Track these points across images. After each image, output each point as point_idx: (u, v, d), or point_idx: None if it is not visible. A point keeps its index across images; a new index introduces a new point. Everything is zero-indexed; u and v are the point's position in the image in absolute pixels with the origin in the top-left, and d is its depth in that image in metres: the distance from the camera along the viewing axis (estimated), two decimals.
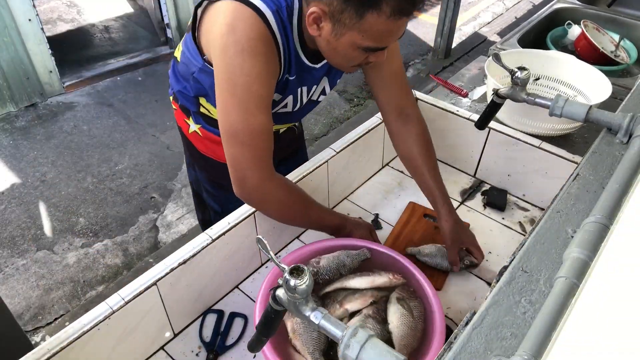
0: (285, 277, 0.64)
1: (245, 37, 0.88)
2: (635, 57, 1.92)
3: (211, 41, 0.95)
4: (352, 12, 0.84)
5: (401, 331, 0.94)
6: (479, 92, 1.69)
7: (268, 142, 0.97)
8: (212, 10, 0.96)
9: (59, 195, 2.68)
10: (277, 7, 0.91)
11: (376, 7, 0.82)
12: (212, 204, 1.40)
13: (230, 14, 0.89)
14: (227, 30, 0.89)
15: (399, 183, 1.48)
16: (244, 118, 0.92)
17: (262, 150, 0.97)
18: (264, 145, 0.97)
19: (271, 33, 0.91)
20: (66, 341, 0.82)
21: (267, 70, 0.92)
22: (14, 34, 3.04)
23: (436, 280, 1.16)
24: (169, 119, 3.30)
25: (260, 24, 0.89)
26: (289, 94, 1.08)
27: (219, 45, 0.90)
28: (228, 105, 0.93)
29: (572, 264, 0.52)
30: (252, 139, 0.94)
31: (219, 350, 1.02)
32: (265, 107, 0.95)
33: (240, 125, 0.93)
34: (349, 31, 0.87)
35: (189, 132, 1.24)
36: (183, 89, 1.14)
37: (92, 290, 2.21)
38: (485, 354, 0.48)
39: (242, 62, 0.89)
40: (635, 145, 0.72)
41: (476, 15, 4.91)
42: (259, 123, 0.94)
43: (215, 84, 0.94)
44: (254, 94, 0.92)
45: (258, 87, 0.92)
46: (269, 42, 0.91)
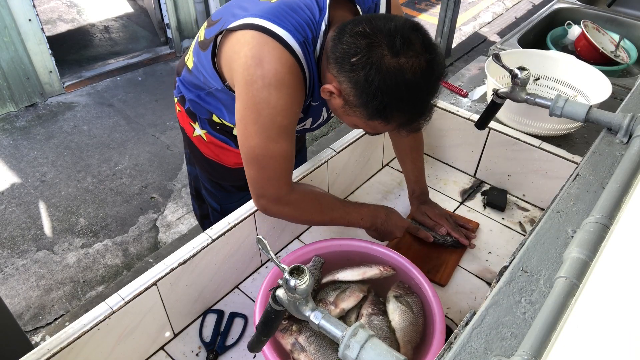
0: (285, 277, 0.64)
1: (273, 71, 0.88)
2: (635, 57, 1.92)
3: (234, 71, 0.94)
4: (364, 112, 0.88)
5: (404, 328, 0.95)
6: (479, 92, 1.69)
7: (288, 165, 1.00)
8: (232, 38, 0.95)
9: (59, 195, 2.68)
10: (304, 39, 0.90)
11: (384, 120, 0.87)
12: (211, 202, 1.41)
13: (256, 46, 0.89)
14: (253, 63, 0.88)
15: (399, 183, 1.48)
16: (265, 144, 0.94)
17: (281, 171, 0.99)
18: (283, 167, 0.99)
19: (299, 64, 0.90)
20: (66, 341, 0.82)
21: (292, 103, 0.93)
22: (14, 34, 3.04)
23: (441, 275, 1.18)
24: (169, 119, 3.30)
25: (287, 56, 0.88)
26: (309, 116, 1.11)
27: (244, 77, 0.90)
28: (250, 130, 0.94)
29: (572, 264, 0.52)
30: (271, 164, 0.97)
31: (219, 350, 1.02)
32: (288, 135, 0.96)
33: (260, 150, 0.95)
34: (356, 118, 0.91)
35: (193, 135, 1.24)
36: (195, 97, 1.14)
37: (92, 290, 2.21)
38: (485, 354, 0.48)
39: (268, 95, 0.89)
40: (635, 145, 0.72)
41: (476, 15, 4.91)
42: (280, 149, 0.95)
43: (237, 109, 0.95)
44: (277, 124, 0.93)
45: (282, 118, 0.93)
46: (297, 74, 0.91)
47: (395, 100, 0.84)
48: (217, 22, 1.02)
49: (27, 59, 3.18)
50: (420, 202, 1.30)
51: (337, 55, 0.86)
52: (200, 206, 1.51)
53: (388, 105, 0.84)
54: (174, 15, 3.84)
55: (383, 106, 0.84)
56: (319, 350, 0.90)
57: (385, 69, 0.81)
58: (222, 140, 1.20)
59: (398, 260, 1.03)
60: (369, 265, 1.03)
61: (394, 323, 0.96)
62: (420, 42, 0.83)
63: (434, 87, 0.87)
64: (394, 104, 0.84)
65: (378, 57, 0.81)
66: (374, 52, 0.81)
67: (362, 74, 0.82)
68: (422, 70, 0.82)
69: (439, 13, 3.86)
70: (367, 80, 0.82)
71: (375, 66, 0.81)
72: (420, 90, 0.84)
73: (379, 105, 0.84)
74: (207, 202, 1.43)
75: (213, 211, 1.42)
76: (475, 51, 4.25)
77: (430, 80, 0.85)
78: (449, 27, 3.85)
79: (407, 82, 0.82)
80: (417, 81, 0.83)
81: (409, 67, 0.81)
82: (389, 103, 0.84)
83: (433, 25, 4.09)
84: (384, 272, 1.01)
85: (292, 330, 0.93)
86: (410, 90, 0.83)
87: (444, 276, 1.17)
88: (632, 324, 0.41)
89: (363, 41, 0.82)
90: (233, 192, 1.33)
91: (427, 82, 0.85)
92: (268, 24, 0.89)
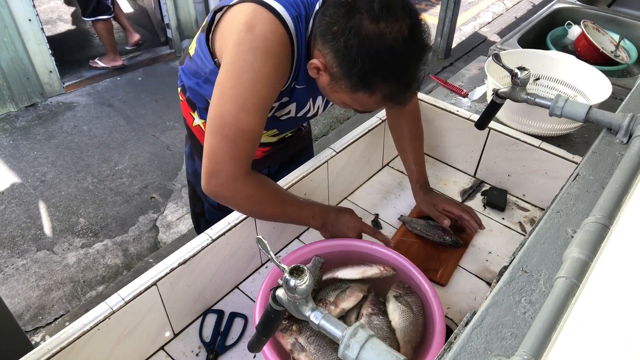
0: (285, 277, 0.64)
1: (263, 37, 0.88)
2: (635, 57, 1.92)
3: (225, 39, 0.94)
4: (348, 84, 0.87)
5: (404, 328, 0.95)
6: (479, 92, 1.69)
7: (252, 145, 0.95)
8: (230, 13, 0.96)
9: (59, 195, 2.68)
10: (297, 14, 0.91)
11: (368, 90, 0.86)
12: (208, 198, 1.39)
13: (250, 14, 0.89)
14: (245, 27, 0.89)
15: (399, 183, 1.48)
16: (237, 112, 0.91)
17: (243, 150, 0.94)
18: (246, 146, 0.94)
19: (289, 38, 0.91)
20: (66, 341, 0.82)
21: (275, 74, 0.92)
22: (14, 34, 3.04)
23: (442, 275, 1.18)
24: (169, 119, 3.30)
25: (279, 27, 0.89)
26: (293, 101, 1.08)
27: (234, 39, 0.90)
28: (225, 95, 0.91)
29: (572, 264, 0.52)
30: (236, 136, 0.92)
31: (219, 350, 1.02)
32: (262, 108, 0.93)
33: (230, 117, 0.91)
34: (342, 93, 0.90)
35: (192, 124, 1.25)
36: (194, 85, 1.14)
37: (92, 290, 2.21)
38: (485, 354, 0.48)
39: (253, 59, 0.89)
40: (635, 145, 0.72)
41: (476, 15, 4.92)
42: (249, 123, 0.92)
43: (219, 74, 0.93)
44: (255, 93, 0.91)
45: (261, 87, 0.91)
46: (286, 47, 0.91)
47: (376, 66, 0.82)
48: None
49: (27, 59, 3.18)
50: (425, 192, 1.30)
51: (321, 29, 0.87)
52: (195, 204, 1.51)
53: (369, 72, 0.83)
54: (174, 15, 3.84)
55: (364, 73, 0.83)
56: (319, 350, 0.90)
57: (365, 33, 0.81)
58: None
59: (398, 260, 1.03)
60: (369, 264, 1.03)
61: (394, 323, 0.96)
62: (401, 7, 0.82)
63: (418, 54, 0.85)
64: (375, 71, 0.83)
65: (356, 22, 0.81)
66: (353, 17, 0.81)
67: (342, 41, 0.82)
68: (404, 35, 0.81)
69: (439, 13, 3.86)
70: (347, 46, 0.82)
71: (354, 30, 0.81)
72: (402, 56, 0.83)
73: (360, 72, 0.83)
74: (204, 199, 1.43)
75: (209, 207, 1.42)
76: (475, 51, 4.25)
77: (413, 46, 0.84)
78: (449, 27, 3.85)
79: (387, 47, 0.81)
80: (398, 46, 0.81)
81: (389, 32, 0.80)
82: (370, 70, 0.83)
83: (433, 25, 4.09)
84: (384, 271, 1.01)
85: (292, 330, 0.93)
86: (391, 56, 0.82)
87: (444, 276, 1.17)
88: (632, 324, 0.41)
89: (343, 9, 0.83)
90: None
91: (409, 49, 0.83)
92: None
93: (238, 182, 0.95)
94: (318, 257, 1.03)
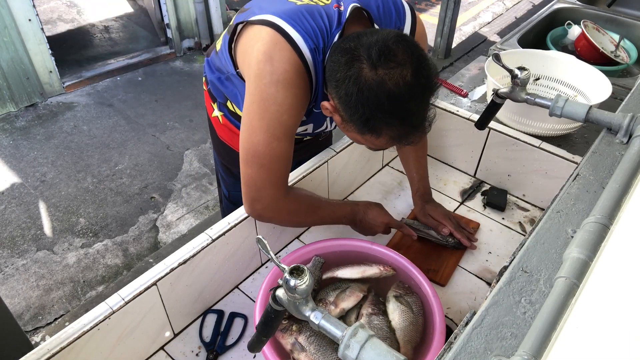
0: (285, 277, 0.64)
1: (282, 70, 0.90)
2: (635, 57, 1.92)
3: (246, 63, 0.97)
4: (353, 126, 0.88)
5: (404, 328, 0.95)
6: (479, 92, 1.69)
7: (286, 166, 1.01)
8: (250, 31, 0.97)
9: (59, 195, 2.68)
10: (315, 46, 0.92)
11: (374, 133, 0.87)
12: (222, 187, 1.45)
13: (269, 43, 0.90)
14: (263, 58, 0.90)
15: (399, 183, 1.48)
16: (269, 142, 0.94)
17: (280, 173, 1.00)
18: (282, 169, 1.00)
19: (306, 68, 0.92)
20: (66, 341, 0.82)
21: (297, 103, 0.94)
22: (14, 34, 3.04)
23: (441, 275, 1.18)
24: (169, 119, 3.30)
25: (296, 59, 0.90)
26: (310, 122, 1.12)
27: (254, 70, 0.92)
28: (255, 126, 0.95)
29: (572, 264, 0.52)
30: (271, 163, 0.97)
31: (219, 350, 1.02)
32: (290, 134, 0.97)
33: (263, 147, 0.95)
34: (353, 133, 0.92)
35: (212, 115, 1.28)
36: (216, 79, 1.17)
37: (92, 290, 2.21)
38: (485, 354, 0.48)
39: (275, 92, 0.91)
40: (635, 145, 0.72)
41: (476, 15, 4.91)
42: (282, 149, 0.96)
43: (245, 104, 0.96)
44: (282, 122, 0.94)
45: (287, 117, 0.94)
46: (304, 77, 0.92)
47: (376, 112, 0.82)
48: (246, 11, 1.04)
49: (27, 59, 3.18)
50: (424, 202, 1.29)
51: (328, 73, 0.89)
52: (220, 190, 1.55)
53: (371, 119, 0.83)
54: (174, 15, 3.84)
55: (366, 119, 0.84)
56: (319, 350, 0.90)
57: (364, 81, 0.81)
58: (235, 125, 1.22)
59: (398, 260, 1.04)
60: (369, 264, 1.03)
61: (394, 323, 0.96)
62: (403, 52, 0.81)
63: (421, 97, 0.84)
64: (376, 117, 0.83)
65: (356, 71, 0.82)
66: (353, 66, 0.82)
67: (343, 88, 0.84)
68: (405, 80, 0.81)
69: (439, 13, 3.86)
70: (347, 93, 0.83)
71: (353, 79, 0.82)
72: (404, 100, 0.82)
73: (362, 118, 0.84)
74: (221, 188, 1.47)
75: (224, 197, 1.47)
76: (475, 51, 4.25)
77: (416, 90, 0.82)
78: (449, 27, 3.85)
79: (387, 93, 0.80)
80: (399, 92, 0.81)
81: (389, 78, 0.80)
82: (370, 116, 0.83)
83: (433, 25, 4.09)
84: (384, 271, 1.01)
85: (292, 330, 0.93)
86: (392, 102, 0.81)
87: (444, 276, 1.17)
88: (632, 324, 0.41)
89: (345, 57, 0.84)
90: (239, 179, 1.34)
91: (411, 93, 0.82)
92: (284, 24, 0.91)
93: (279, 203, 1.03)
94: (318, 257, 1.03)
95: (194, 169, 2.90)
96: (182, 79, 3.74)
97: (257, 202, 1.01)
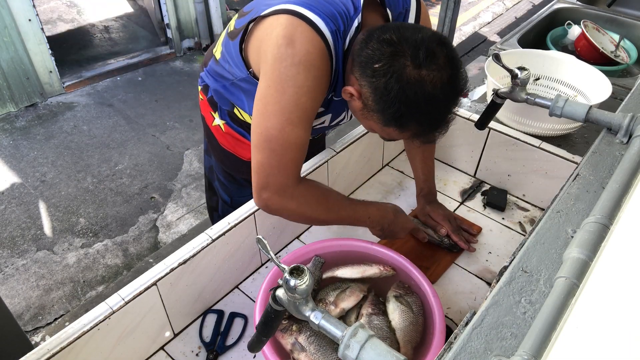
0: (285, 277, 0.64)
1: (305, 51, 0.88)
2: (635, 57, 1.92)
3: (262, 54, 0.94)
4: (381, 118, 0.88)
5: (404, 327, 0.95)
6: (479, 92, 1.69)
7: (299, 156, 0.96)
8: (264, 23, 0.95)
9: (59, 195, 2.68)
10: (336, 29, 0.91)
11: (400, 128, 0.88)
12: (222, 194, 1.42)
13: (289, 27, 0.89)
14: (285, 42, 0.88)
15: (399, 183, 1.48)
16: (283, 126, 0.91)
17: (291, 162, 0.95)
18: (294, 157, 0.95)
19: (328, 51, 0.90)
20: (66, 341, 0.82)
21: (318, 87, 0.92)
22: (14, 34, 3.04)
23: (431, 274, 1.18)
24: (169, 119, 3.30)
25: (319, 40, 0.89)
26: (330, 112, 1.09)
27: (274, 55, 0.89)
28: (269, 111, 0.92)
29: (572, 264, 0.52)
30: (284, 149, 0.93)
31: (219, 350, 1.02)
32: (307, 120, 0.94)
33: (276, 132, 0.91)
34: (373, 122, 0.91)
35: (212, 124, 1.25)
36: (220, 87, 1.14)
37: (92, 290, 2.21)
38: (485, 354, 0.48)
39: (296, 73, 0.88)
40: (635, 145, 0.72)
41: (476, 15, 4.92)
42: (296, 135, 0.92)
43: (259, 90, 0.93)
44: (300, 106, 0.91)
45: (306, 100, 0.91)
46: (325, 60, 0.91)
47: (412, 110, 0.84)
48: (249, 13, 1.02)
49: (27, 59, 3.18)
50: (427, 202, 1.29)
51: (361, 60, 0.86)
52: (210, 198, 1.53)
53: (404, 115, 0.84)
54: (174, 15, 3.84)
55: (399, 114, 0.84)
56: (319, 350, 0.90)
57: (406, 79, 0.81)
58: (239, 133, 1.20)
59: (398, 260, 1.03)
60: (369, 264, 1.03)
61: (394, 323, 0.96)
62: (445, 56, 0.83)
63: (453, 102, 0.87)
64: (410, 114, 0.84)
65: (400, 67, 0.81)
66: (397, 61, 0.82)
67: (383, 81, 0.83)
68: (443, 84, 0.82)
69: (439, 13, 3.85)
70: (387, 87, 0.83)
71: (397, 75, 0.81)
72: (439, 104, 0.85)
73: (396, 113, 0.84)
74: (218, 194, 1.45)
75: (223, 204, 1.44)
76: (475, 51, 4.25)
77: (450, 95, 0.85)
78: (449, 27, 3.84)
79: (426, 95, 0.82)
80: (436, 94, 0.83)
81: (430, 80, 0.81)
82: (405, 113, 0.84)
83: (433, 25, 4.09)
84: (384, 271, 1.01)
85: (292, 330, 0.93)
86: (428, 103, 0.83)
87: (434, 274, 1.18)
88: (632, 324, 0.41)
89: (388, 49, 0.83)
90: (245, 185, 1.34)
91: (446, 97, 0.85)
92: (301, 9, 0.89)
93: (287, 192, 0.96)
94: (318, 257, 1.03)
95: (194, 169, 2.89)
96: (182, 79, 3.74)
97: (265, 189, 0.96)
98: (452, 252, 1.23)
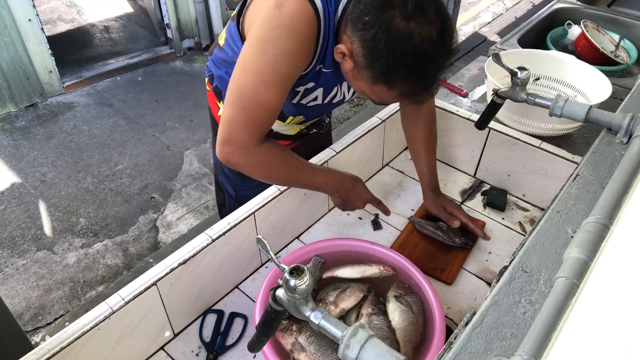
0: (285, 277, 0.64)
1: (290, 15, 0.89)
2: (635, 57, 1.92)
3: (255, 17, 0.96)
4: (369, 74, 0.88)
5: (404, 327, 0.95)
6: (479, 92, 1.69)
7: (267, 118, 0.97)
8: None
9: (59, 195, 2.68)
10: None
11: (388, 85, 0.88)
12: (227, 187, 1.43)
13: None
14: (274, 5, 0.89)
15: (399, 183, 1.48)
16: (256, 86, 0.92)
17: (258, 122, 0.96)
18: (262, 118, 0.96)
19: (317, 18, 0.91)
20: (66, 341, 0.82)
21: (298, 53, 0.92)
22: (14, 34, 3.04)
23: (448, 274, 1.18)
24: (169, 119, 3.30)
25: (308, 8, 0.89)
26: (320, 86, 1.09)
27: (261, 16, 0.91)
28: (247, 68, 0.93)
29: (572, 264, 0.52)
30: (253, 108, 0.93)
31: (219, 350, 1.02)
32: (281, 85, 0.94)
33: (249, 90, 0.92)
34: (363, 82, 0.91)
35: (217, 114, 1.26)
36: (224, 74, 1.16)
37: (92, 290, 2.21)
38: (485, 354, 0.48)
39: (278, 36, 0.89)
40: (635, 145, 0.72)
41: (476, 15, 4.92)
42: (267, 97, 0.93)
43: (244, 47, 0.94)
44: (276, 69, 0.92)
45: (283, 64, 0.92)
46: (312, 27, 0.91)
47: (399, 64, 0.84)
48: None
49: (27, 59, 3.18)
50: (435, 195, 1.31)
51: (354, 16, 0.87)
52: (218, 194, 1.53)
53: (392, 68, 0.84)
54: (174, 15, 3.84)
55: (386, 68, 0.84)
56: (319, 350, 0.90)
57: (394, 30, 0.81)
58: None
59: (398, 260, 1.03)
60: (369, 264, 1.03)
61: (394, 323, 0.96)
62: (435, 10, 0.83)
63: (442, 59, 0.87)
64: (397, 68, 0.84)
65: (388, 17, 0.82)
66: (386, 12, 0.82)
67: (371, 33, 0.83)
68: (431, 39, 0.82)
69: None
70: (375, 39, 0.83)
71: (384, 25, 0.82)
72: (427, 59, 0.84)
73: (383, 67, 0.84)
74: (224, 189, 1.45)
75: (229, 198, 1.44)
76: (475, 51, 4.25)
77: (438, 51, 0.85)
78: None
79: (413, 48, 0.82)
80: (424, 49, 0.83)
81: (418, 32, 0.81)
82: (393, 66, 0.84)
83: None
84: (384, 271, 1.01)
85: (292, 330, 0.93)
86: (415, 57, 0.83)
87: (450, 275, 1.17)
88: (632, 324, 0.41)
89: (378, 1, 0.84)
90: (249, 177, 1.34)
91: (435, 53, 0.84)
92: None
93: (249, 150, 0.97)
94: (318, 257, 1.03)
95: (194, 169, 2.90)
96: (182, 79, 3.74)
97: (227, 144, 0.96)
98: (464, 250, 1.23)
